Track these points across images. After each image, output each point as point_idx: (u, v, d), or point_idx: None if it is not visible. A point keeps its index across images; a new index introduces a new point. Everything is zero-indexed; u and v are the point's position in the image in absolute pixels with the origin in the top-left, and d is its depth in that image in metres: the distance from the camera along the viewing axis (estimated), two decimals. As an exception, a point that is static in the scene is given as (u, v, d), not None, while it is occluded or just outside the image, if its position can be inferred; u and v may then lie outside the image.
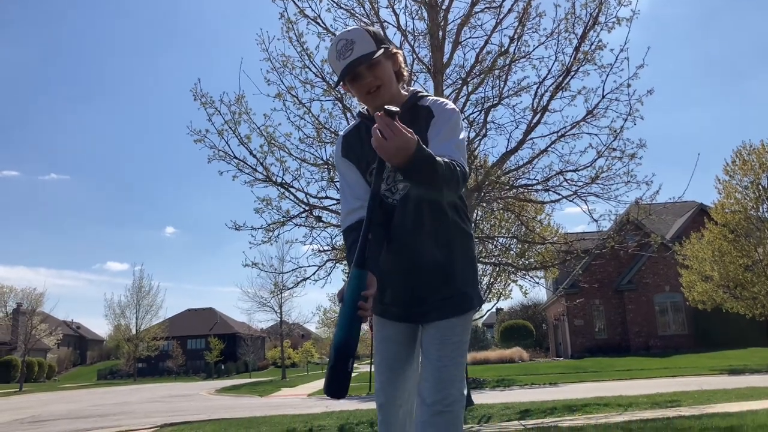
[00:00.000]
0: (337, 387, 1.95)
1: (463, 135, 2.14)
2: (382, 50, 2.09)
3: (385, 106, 1.78)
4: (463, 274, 2.21)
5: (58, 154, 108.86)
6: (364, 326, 2.18)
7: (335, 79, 2.54)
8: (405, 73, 2.24)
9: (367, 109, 2.27)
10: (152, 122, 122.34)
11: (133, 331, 52.41)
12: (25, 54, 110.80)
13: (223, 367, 58.02)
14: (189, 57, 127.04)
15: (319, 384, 26.35)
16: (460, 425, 2.12)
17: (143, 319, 52.80)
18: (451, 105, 2.21)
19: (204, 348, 62.08)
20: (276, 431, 7.57)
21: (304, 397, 18.80)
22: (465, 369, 2.21)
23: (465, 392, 2.14)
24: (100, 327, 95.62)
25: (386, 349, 2.30)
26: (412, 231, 2.16)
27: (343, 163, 2.28)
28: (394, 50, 2.20)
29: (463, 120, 9.28)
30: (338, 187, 9.17)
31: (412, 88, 2.29)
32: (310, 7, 8.42)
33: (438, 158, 1.86)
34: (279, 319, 41.75)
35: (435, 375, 2.10)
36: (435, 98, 2.24)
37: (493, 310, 42.12)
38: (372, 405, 11.91)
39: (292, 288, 17.38)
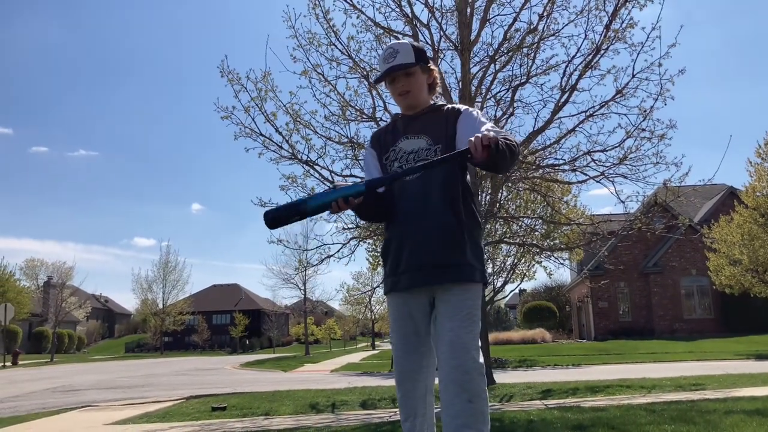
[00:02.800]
0: (278, 221, 2.34)
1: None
2: (418, 66, 2.54)
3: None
4: (471, 250, 2.43)
5: (86, 131, 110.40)
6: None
7: (360, 56, 2.89)
8: (438, 87, 2.70)
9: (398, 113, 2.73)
10: (180, 99, 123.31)
11: (160, 306, 53.29)
12: (53, 31, 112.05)
13: (247, 343, 58.89)
14: (216, 33, 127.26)
15: (342, 360, 26.62)
16: (481, 391, 2.25)
17: (169, 294, 53.64)
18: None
19: (229, 323, 63.02)
20: (299, 405, 7.68)
21: (326, 372, 19.01)
22: (479, 340, 2.34)
23: (481, 360, 2.29)
24: (128, 301, 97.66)
25: (403, 325, 2.50)
26: (429, 198, 2.42)
27: (369, 152, 2.71)
28: (432, 67, 2.63)
29: (490, 98, 9.21)
30: (362, 166, 9.21)
31: (438, 101, 2.72)
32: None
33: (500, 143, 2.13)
34: (303, 296, 42.20)
35: (449, 344, 2.28)
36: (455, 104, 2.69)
37: (517, 291, 42.16)
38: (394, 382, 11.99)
39: (316, 265, 17.59)
